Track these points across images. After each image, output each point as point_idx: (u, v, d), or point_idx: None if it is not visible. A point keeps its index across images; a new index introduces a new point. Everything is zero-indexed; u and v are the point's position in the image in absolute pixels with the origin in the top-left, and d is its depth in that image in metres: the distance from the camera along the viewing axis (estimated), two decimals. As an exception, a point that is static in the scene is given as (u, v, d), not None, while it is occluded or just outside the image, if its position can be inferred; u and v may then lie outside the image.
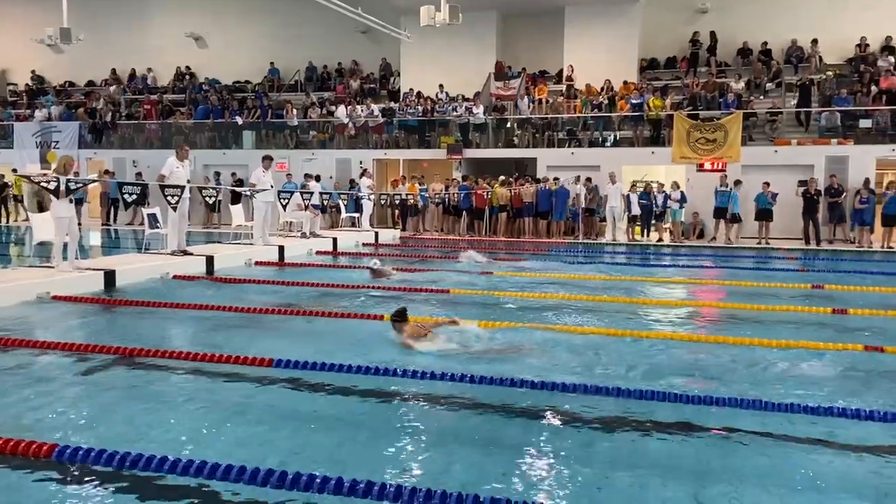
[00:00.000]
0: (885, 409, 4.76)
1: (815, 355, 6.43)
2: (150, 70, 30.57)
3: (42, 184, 9.36)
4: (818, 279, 11.35)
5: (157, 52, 30.40)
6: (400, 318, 6.69)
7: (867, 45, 22.37)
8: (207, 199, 12.49)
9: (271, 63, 28.76)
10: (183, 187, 11.28)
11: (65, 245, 9.63)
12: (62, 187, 9.20)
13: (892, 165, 19.41)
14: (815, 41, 22.83)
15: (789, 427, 4.60)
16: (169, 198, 10.77)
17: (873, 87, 20.37)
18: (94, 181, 19.48)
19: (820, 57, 22.76)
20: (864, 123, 19.78)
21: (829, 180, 18.53)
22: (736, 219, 18.50)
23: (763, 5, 23.73)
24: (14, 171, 23.26)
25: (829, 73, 21.70)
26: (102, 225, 22.66)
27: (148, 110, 27.24)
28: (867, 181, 18.13)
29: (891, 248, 17.34)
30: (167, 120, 26.65)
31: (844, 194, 18.33)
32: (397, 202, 20.74)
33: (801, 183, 18.57)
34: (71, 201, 9.63)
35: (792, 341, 6.79)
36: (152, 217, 13.80)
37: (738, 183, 18.44)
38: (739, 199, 18.40)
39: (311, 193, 16.59)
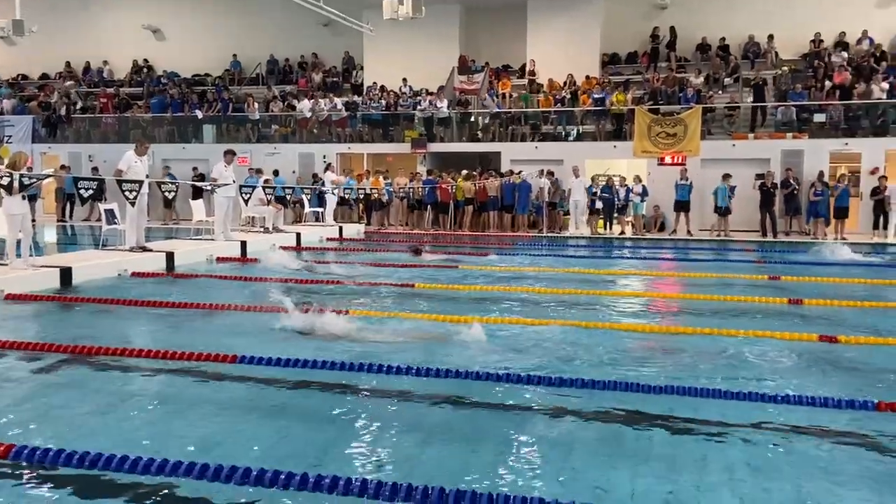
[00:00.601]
0: (840, 397, 4.89)
1: (773, 345, 6.58)
2: (105, 63, 29.94)
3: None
4: (775, 271, 11.61)
5: (113, 45, 29.72)
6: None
7: (821, 41, 22.84)
8: (167, 194, 12.25)
9: (233, 56, 28.36)
10: (141, 182, 11.08)
11: (18, 242, 9.40)
12: (14, 183, 8.98)
13: (844, 159, 19.87)
14: (771, 37, 23.25)
15: (751, 415, 4.69)
16: (127, 193, 10.57)
17: (827, 83, 20.83)
18: (48, 176, 19.01)
19: (776, 52, 23.18)
20: (819, 118, 20.22)
21: (784, 174, 18.94)
22: (724, 212, 18.77)
23: (721, 1, 24.10)
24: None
25: (785, 68, 22.12)
26: (58, 221, 22.16)
27: (104, 104, 26.70)
28: (821, 174, 18.57)
29: (844, 239, 17.78)
30: (124, 114, 26.13)
31: (798, 187, 18.74)
32: (361, 196, 20.60)
33: (759, 176, 18.93)
34: (24, 198, 9.40)
35: (750, 331, 6.93)
36: (110, 213, 13.50)
37: (726, 177, 18.70)
38: (726, 192, 18.72)
39: (274, 188, 16.42)
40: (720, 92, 22.10)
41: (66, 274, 9.58)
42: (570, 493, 3.51)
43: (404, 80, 24.16)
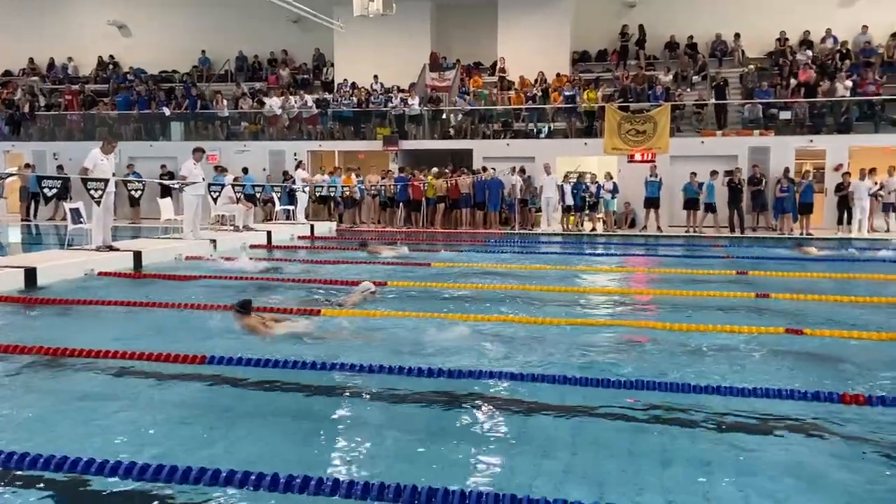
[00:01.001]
0: (806, 389, 4.97)
1: (740, 338, 6.66)
2: (70, 59, 29.45)
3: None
4: (742, 266, 11.76)
5: (79, 41, 29.27)
6: (243, 309, 6.74)
7: (786, 40, 23.23)
8: (133, 192, 12.06)
9: (201, 52, 28.05)
10: (107, 181, 10.89)
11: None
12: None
13: (809, 156, 20.22)
14: (737, 35, 23.60)
15: (721, 407, 4.75)
16: (92, 192, 10.38)
17: (792, 80, 21.19)
18: (11, 175, 18.64)
19: (742, 51, 23.54)
20: (784, 115, 20.56)
21: (751, 170, 19.22)
22: (711, 209, 18.98)
23: (689, 0, 24.39)
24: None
25: (751, 66, 22.44)
26: (22, 221, 21.71)
27: (69, 101, 26.28)
28: (786, 171, 18.86)
29: (809, 234, 18.10)
30: (89, 111, 25.71)
31: (765, 182, 19.02)
32: (332, 194, 20.47)
33: (728, 173, 19.19)
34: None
35: (719, 325, 7.01)
36: (75, 212, 13.28)
37: (714, 173, 18.88)
38: (714, 187, 18.90)
39: (243, 186, 16.27)
40: (688, 90, 22.36)
41: (30, 274, 9.38)
42: (534, 487, 3.53)
43: (375, 77, 24.08)
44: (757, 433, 4.46)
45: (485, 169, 20.13)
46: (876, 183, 18.33)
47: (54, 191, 10.26)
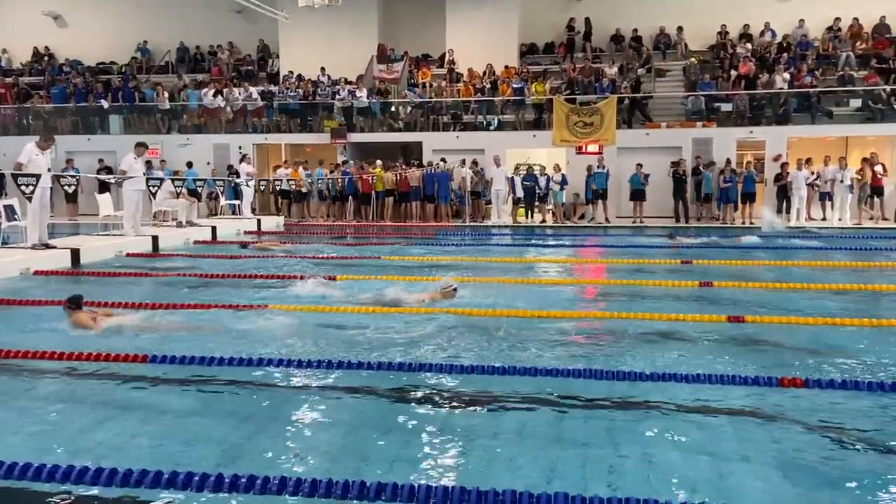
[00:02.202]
0: (747, 374, 5.11)
1: (685, 326, 6.81)
2: (4, 51, 28.47)
3: None
4: (687, 255, 12.01)
5: (11, 32, 28.26)
6: (72, 304, 6.72)
7: (727, 33, 23.74)
8: (67, 188, 11.70)
9: (143, 42, 27.34)
10: (39, 176, 10.54)
11: None
12: None
13: (750, 146, 20.73)
14: (680, 29, 24.02)
15: (663, 394, 4.84)
16: (23, 188, 10.05)
17: (733, 72, 21.66)
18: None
19: (685, 44, 23.95)
20: (726, 107, 21.03)
21: (695, 161, 19.63)
22: (709, 198, 19.29)
23: (633, -7, 24.75)
24: None
25: (693, 59, 22.87)
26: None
27: (2, 94, 25.36)
28: (728, 161, 19.32)
29: (751, 224, 18.58)
30: (24, 104, 24.88)
31: (706, 174, 19.45)
32: (279, 188, 20.19)
33: (673, 164, 19.55)
34: None
35: (664, 314, 7.15)
36: (9, 208, 12.85)
37: (710, 164, 19.19)
38: (710, 178, 19.22)
39: (184, 180, 15.94)
40: (633, 82, 22.66)
41: (-39, 274, 9.07)
42: (494, 477, 3.55)
43: (322, 68, 23.80)
44: (699, 417, 4.54)
45: (430, 163, 20.11)
46: (813, 173, 18.90)
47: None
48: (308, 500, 3.30)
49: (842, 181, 18.61)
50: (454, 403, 4.81)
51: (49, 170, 11.21)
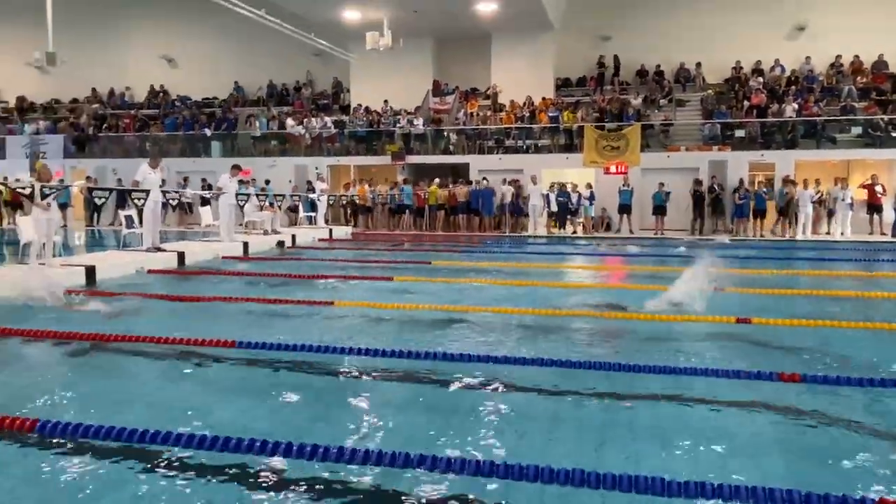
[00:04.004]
0: (750, 369, 4.97)
1: (698, 326, 6.65)
2: (127, 88, 29.59)
3: (18, 191, 8.92)
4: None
5: (134, 73, 29.43)
6: None
7: (741, 68, 23.18)
8: (171, 202, 12.14)
9: (235, 81, 28.13)
10: (148, 191, 10.94)
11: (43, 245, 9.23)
12: (37, 193, 8.82)
13: (761, 168, 20.19)
14: (699, 64, 23.55)
15: (677, 386, 4.76)
16: (136, 200, 10.45)
17: (746, 103, 21.14)
18: (66, 187, 18.65)
19: (703, 77, 23.49)
20: (739, 133, 20.52)
21: (710, 181, 19.19)
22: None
23: (656, 33, 24.33)
24: (5, 179, 22.12)
25: (710, 91, 22.40)
26: (86, 226, 21.79)
27: (126, 124, 26.40)
28: (742, 181, 18.83)
29: (762, 236, 18.07)
30: (143, 132, 25.83)
31: (723, 191, 18.99)
32: (344, 202, 20.45)
33: (697, 182, 19.14)
34: (49, 206, 9.16)
35: (679, 316, 7.00)
36: (129, 218, 13.36)
37: (789, 182, 18.29)
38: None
39: (267, 195, 16.33)
40: (656, 111, 22.34)
41: (90, 271, 9.43)
42: (513, 456, 3.53)
43: (385, 101, 24.10)
44: (708, 407, 4.45)
45: (478, 181, 20.09)
46: (818, 192, 18.29)
47: (103, 200, 10.29)
48: (362, 467, 3.35)
49: (843, 199, 17.95)
50: (492, 388, 4.80)
51: (164, 182, 11.60)
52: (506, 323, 6.88)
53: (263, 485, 3.28)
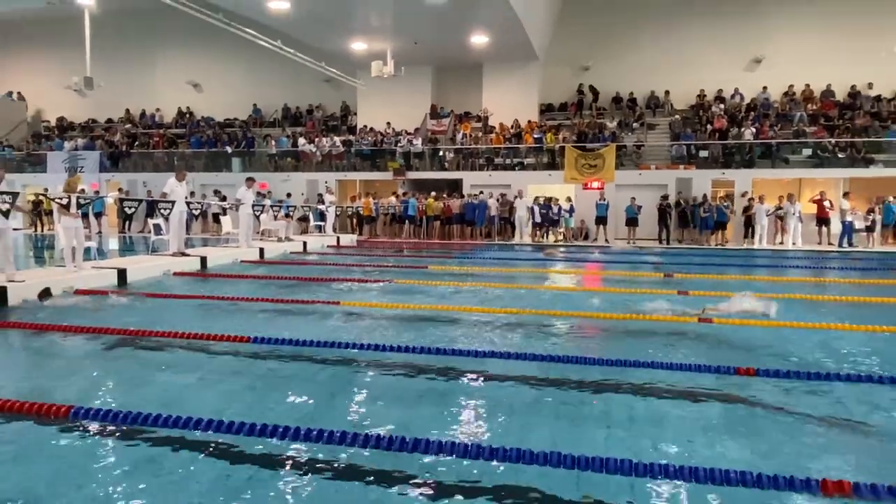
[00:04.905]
0: (707, 363, 5.00)
1: (663, 326, 6.68)
2: (157, 110, 29.55)
3: (56, 201, 8.90)
4: (669, 269, 11.78)
5: (163, 96, 29.40)
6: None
7: (705, 96, 23.32)
8: (194, 211, 12.15)
9: (254, 104, 28.15)
10: (173, 202, 10.93)
11: (73, 249, 9.18)
12: (72, 203, 8.80)
13: (723, 185, 20.29)
14: (667, 92, 23.70)
15: (643, 377, 4.77)
16: (162, 210, 10.44)
17: (709, 127, 21.26)
18: (99, 198, 18.61)
19: (671, 104, 23.62)
20: (703, 154, 20.63)
21: (677, 196, 19.26)
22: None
23: (629, 65, 24.47)
24: (45, 190, 22.07)
25: (677, 116, 22.52)
26: (119, 233, 21.72)
27: (156, 142, 26.35)
28: (705, 196, 18.91)
29: (722, 245, 18.13)
30: (171, 149, 25.80)
31: (688, 205, 19.05)
32: (350, 213, 20.42)
33: (664, 198, 19.23)
34: (76, 215, 9.09)
35: (647, 315, 7.03)
36: (157, 226, 13.32)
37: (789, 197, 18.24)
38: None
39: (280, 207, 16.32)
40: (629, 133, 22.44)
41: (122, 274, 9.41)
42: (501, 439, 3.54)
43: (388, 123, 24.15)
44: (673, 397, 4.46)
45: (472, 195, 20.08)
46: (779, 207, 18.36)
47: (133, 210, 10.27)
48: (362, 449, 3.35)
49: (794, 213, 18.06)
50: (481, 380, 4.81)
51: (193, 193, 11.58)
52: (494, 321, 6.89)
53: (275, 466, 3.28)
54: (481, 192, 20.28)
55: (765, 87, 22.85)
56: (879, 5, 21.77)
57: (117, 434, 3.60)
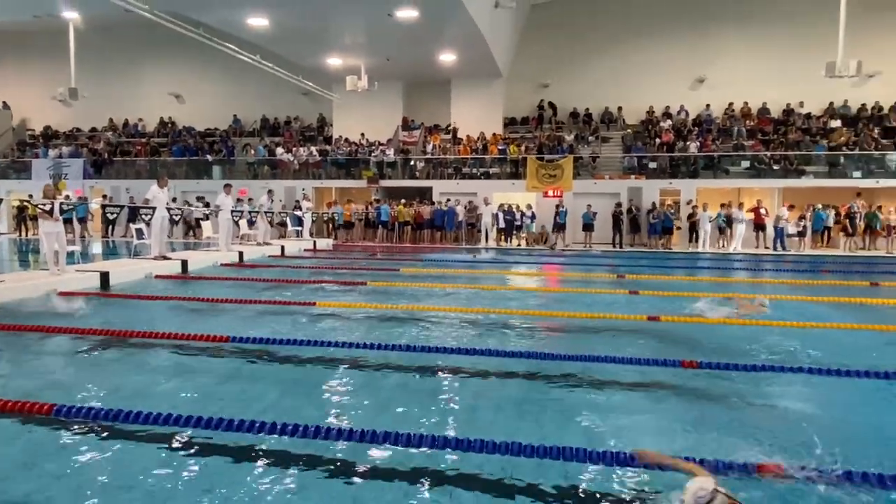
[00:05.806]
0: (655, 357, 5.10)
1: (615, 323, 6.78)
2: (140, 119, 28.73)
3: (39, 206, 8.60)
4: (622, 271, 11.96)
5: (146, 106, 28.59)
6: None
7: (654, 112, 23.81)
8: (174, 216, 11.86)
9: (234, 115, 27.64)
10: (155, 208, 10.65)
11: (56, 253, 8.87)
12: (55, 209, 8.51)
13: (670, 193, 20.71)
14: (620, 108, 24.11)
15: (596, 372, 4.83)
16: (143, 215, 10.17)
17: (657, 140, 21.71)
18: (81, 204, 18.00)
19: (623, 119, 24.04)
20: (652, 165, 21.04)
21: (629, 203, 19.60)
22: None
23: (586, 83, 24.82)
24: (30, 196, 21.23)
25: (629, 130, 22.93)
26: (102, 237, 21.03)
27: (138, 150, 25.63)
28: (654, 204, 19.29)
29: (669, 249, 18.50)
30: (153, 158, 25.13)
31: (638, 212, 19.41)
32: (325, 218, 20.19)
33: (618, 205, 19.53)
34: (57, 220, 8.78)
35: (600, 314, 7.13)
36: (139, 231, 12.97)
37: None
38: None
39: (258, 212, 16.00)
40: (585, 146, 22.75)
41: (104, 276, 9.12)
42: (474, 430, 3.54)
43: (362, 134, 23.99)
44: (622, 389, 4.54)
45: (449, 200, 20.10)
46: (728, 214, 18.71)
47: (114, 215, 9.96)
48: (335, 442, 3.32)
49: (741, 220, 18.52)
50: (450, 375, 4.81)
51: (174, 200, 11.29)
52: (461, 319, 6.90)
53: (255, 459, 3.22)
54: (450, 200, 20.31)
55: (708, 105, 23.45)
56: (812, 31, 22.52)
57: (96, 430, 3.49)
